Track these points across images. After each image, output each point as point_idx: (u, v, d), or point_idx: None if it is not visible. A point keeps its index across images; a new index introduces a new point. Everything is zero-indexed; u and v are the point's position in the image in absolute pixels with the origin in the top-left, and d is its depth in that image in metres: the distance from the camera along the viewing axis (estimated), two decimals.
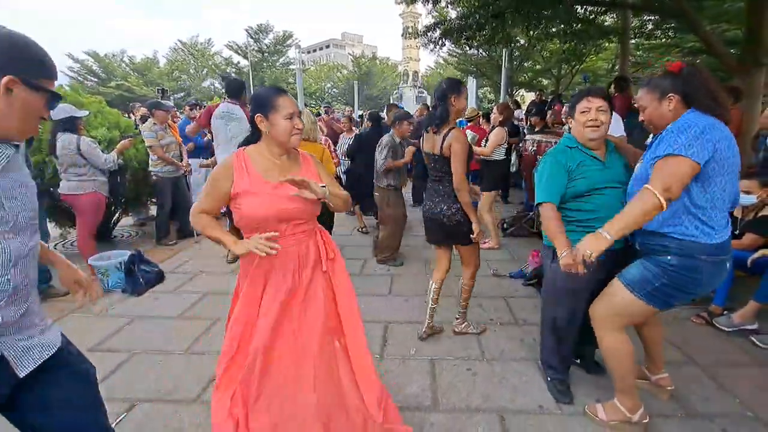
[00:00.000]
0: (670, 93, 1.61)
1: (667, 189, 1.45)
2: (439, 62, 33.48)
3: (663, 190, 1.45)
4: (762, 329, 2.62)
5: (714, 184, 1.52)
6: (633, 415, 1.82)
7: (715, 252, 1.59)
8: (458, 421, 1.95)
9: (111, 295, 3.38)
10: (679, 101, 1.61)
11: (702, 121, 1.51)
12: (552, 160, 1.91)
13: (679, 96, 1.60)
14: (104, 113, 4.46)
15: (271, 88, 1.58)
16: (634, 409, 1.83)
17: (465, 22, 7.97)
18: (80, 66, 31.72)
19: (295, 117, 1.52)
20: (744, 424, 1.90)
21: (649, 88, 1.68)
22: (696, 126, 1.49)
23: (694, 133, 1.47)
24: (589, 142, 1.87)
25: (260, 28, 35.12)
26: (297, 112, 1.55)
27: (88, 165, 3.41)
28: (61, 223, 4.54)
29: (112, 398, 2.10)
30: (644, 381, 2.09)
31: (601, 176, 1.87)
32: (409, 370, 2.34)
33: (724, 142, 1.49)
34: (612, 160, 1.92)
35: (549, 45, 14.89)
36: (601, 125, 1.83)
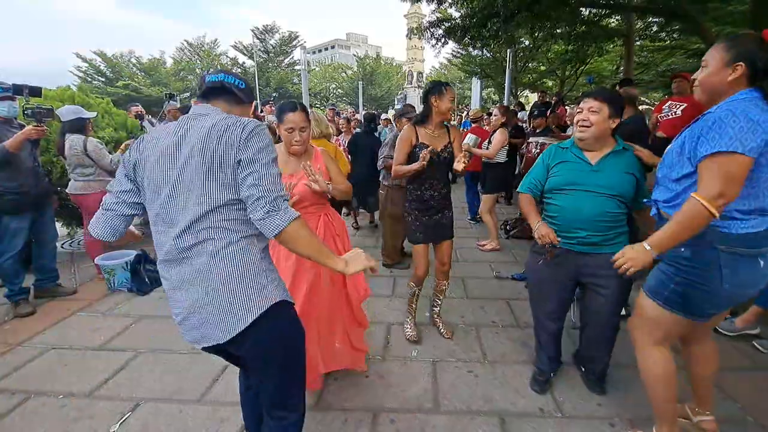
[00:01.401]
0: (740, 61, 1.34)
1: (720, 195, 1.27)
2: (444, 63, 33.47)
3: (715, 197, 1.27)
4: (764, 334, 2.62)
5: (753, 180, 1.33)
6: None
7: (738, 242, 1.37)
8: (459, 423, 1.96)
9: (117, 295, 3.42)
10: (745, 75, 1.34)
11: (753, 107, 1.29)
12: (540, 156, 2.07)
13: (749, 70, 1.33)
14: (111, 114, 4.51)
15: (288, 103, 1.92)
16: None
17: (469, 22, 7.98)
18: (88, 66, 32.00)
19: (295, 131, 1.89)
20: (744, 428, 1.90)
21: (726, 45, 1.38)
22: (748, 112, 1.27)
23: (746, 122, 1.25)
24: (579, 141, 1.92)
25: (266, 29, 35.33)
26: (300, 127, 1.89)
27: (94, 165, 3.45)
28: (68, 222, 4.59)
29: (117, 397, 2.14)
30: (685, 420, 1.86)
31: (579, 178, 1.89)
32: (411, 372, 2.36)
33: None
34: (607, 166, 1.87)
35: (553, 46, 14.86)
36: (590, 126, 1.83)
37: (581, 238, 1.90)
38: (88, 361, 2.47)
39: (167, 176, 1.17)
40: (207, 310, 1.17)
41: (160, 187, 1.18)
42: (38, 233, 3.22)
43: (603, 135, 1.86)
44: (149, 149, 1.21)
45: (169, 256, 1.20)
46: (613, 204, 1.84)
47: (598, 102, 1.82)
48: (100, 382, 2.27)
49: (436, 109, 2.38)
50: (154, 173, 1.19)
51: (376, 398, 2.14)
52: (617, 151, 1.89)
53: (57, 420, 1.99)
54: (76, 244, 4.79)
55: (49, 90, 4.17)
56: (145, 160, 1.21)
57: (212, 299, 1.16)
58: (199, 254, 1.16)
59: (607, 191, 1.83)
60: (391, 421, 1.97)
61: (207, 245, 1.16)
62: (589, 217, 1.85)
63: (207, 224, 1.16)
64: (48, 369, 2.40)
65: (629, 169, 1.86)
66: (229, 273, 1.17)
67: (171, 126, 1.23)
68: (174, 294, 1.23)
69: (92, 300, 3.32)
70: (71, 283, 3.60)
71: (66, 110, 3.44)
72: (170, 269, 1.21)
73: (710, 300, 1.46)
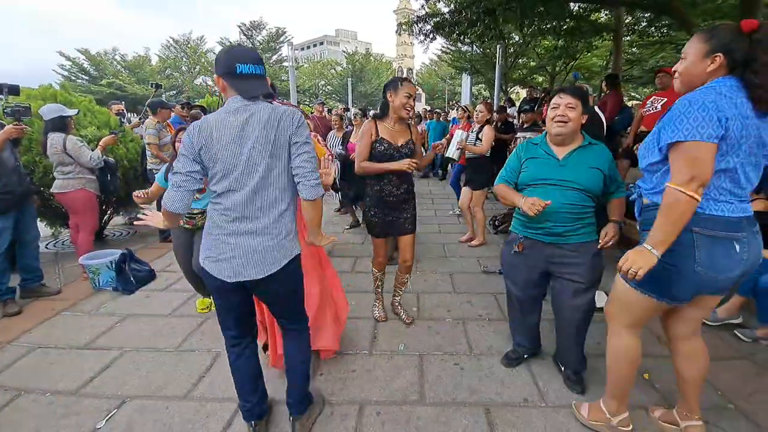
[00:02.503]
0: (718, 52, 1.34)
1: (692, 179, 1.28)
2: (433, 59, 33.46)
3: (687, 182, 1.29)
4: (746, 323, 2.68)
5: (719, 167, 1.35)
6: (613, 418, 1.77)
7: (714, 225, 1.38)
8: (444, 414, 1.98)
9: (102, 294, 3.39)
10: (724, 66, 1.35)
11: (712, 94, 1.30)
12: (515, 149, 2.15)
13: (727, 61, 1.33)
14: (94, 112, 4.44)
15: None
16: (616, 413, 1.78)
17: (457, 18, 7.99)
18: (71, 64, 31.42)
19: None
20: (724, 415, 1.95)
21: (704, 37, 1.39)
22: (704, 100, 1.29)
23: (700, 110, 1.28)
24: (554, 137, 1.96)
25: (253, 25, 34.94)
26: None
27: (74, 163, 3.41)
28: (52, 222, 4.52)
29: (103, 395, 2.13)
30: (673, 427, 1.81)
31: (547, 172, 1.94)
32: (397, 365, 2.37)
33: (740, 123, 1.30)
34: (573, 161, 1.92)
35: (543, 42, 14.94)
36: (568, 122, 1.87)
37: (547, 229, 1.96)
38: (74, 360, 2.45)
39: (239, 156, 1.48)
40: (269, 252, 1.56)
41: (233, 165, 1.49)
42: (20, 233, 3.17)
43: (576, 130, 1.92)
44: (216, 135, 1.48)
45: (237, 216, 1.53)
46: (578, 197, 1.89)
47: (575, 99, 1.87)
48: (86, 380, 2.25)
49: (392, 104, 2.37)
50: (226, 154, 1.48)
51: (363, 391, 2.15)
52: (584, 146, 1.94)
53: (45, 417, 1.98)
54: (60, 244, 4.72)
55: (31, 89, 4.09)
56: (213, 144, 1.48)
57: (276, 244, 1.57)
58: (267, 214, 1.55)
59: (573, 185, 1.88)
60: (377, 414, 1.99)
61: (274, 209, 1.56)
62: (554, 209, 1.89)
63: (272, 191, 1.54)
64: (35, 367, 2.38)
65: (595, 164, 1.90)
66: (289, 229, 1.61)
67: (230, 116, 1.49)
68: (228, 239, 1.55)
69: (77, 300, 3.28)
70: (56, 283, 3.56)
71: (48, 109, 3.40)
72: (235, 225, 1.54)
73: (680, 282, 1.46)
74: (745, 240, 1.40)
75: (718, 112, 1.28)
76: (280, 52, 35.67)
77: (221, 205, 1.55)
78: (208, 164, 1.51)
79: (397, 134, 2.44)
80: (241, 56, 1.50)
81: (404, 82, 2.36)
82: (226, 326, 1.76)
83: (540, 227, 1.98)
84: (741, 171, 1.36)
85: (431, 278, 3.67)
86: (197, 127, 1.50)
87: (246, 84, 1.51)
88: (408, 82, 2.38)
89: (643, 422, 1.90)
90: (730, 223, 1.38)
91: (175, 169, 1.53)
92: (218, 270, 1.57)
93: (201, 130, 1.49)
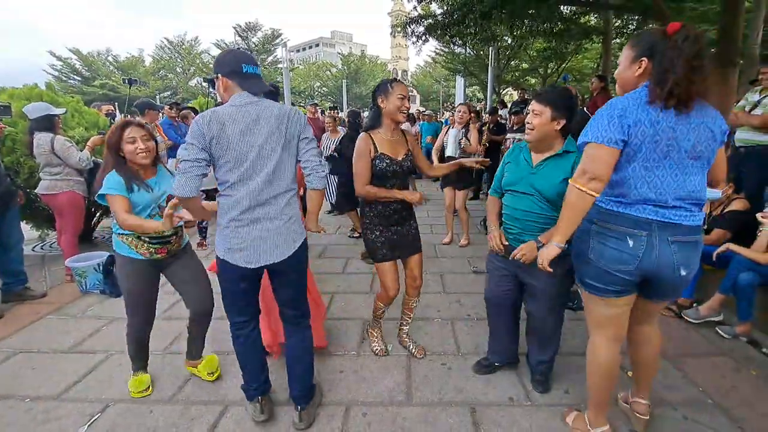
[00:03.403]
0: (643, 57, 1.41)
1: (583, 172, 1.39)
2: (428, 61, 33.56)
3: (580, 175, 1.40)
4: (727, 320, 2.72)
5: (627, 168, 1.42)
6: (592, 430, 1.77)
7: (608, 218, 1.47)
8: (430, 413, 1.98)
9: (89, 297, 3.35)
10: (648, 69, 1.40)
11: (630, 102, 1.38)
12: (505, 155, 2.12)
13: (650, 63, 1.39)
14: (82, 113, 4.40)
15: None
16: (595, 424, 1.77)
17: (449, 19, 8.03)
18: (63, 64, 31.12)
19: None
20: (704, 410, 1.97)
21: (632, 42, 1.47)
22: (615, 106, 1.38)
23: (608, 116, 1.38)
24: (528, 143, 1.94)
25: (248, 27, 34.88)
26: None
27: (63, 164, 3.36)
28: (38, 224, 4.47)
29: (86, 399, 2.10)
30: (625, 405, 1.93)
31: (519, 179, 1.92)
32: (385, 366, 2.37)
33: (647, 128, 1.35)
34: (545, 169, 1.85)
35: (535, 44, 15.05)
36: (533, 129, 1.81)
37: (516, 235, 1.96)
38: (57, 364, 2.42)
39: (252, 145, 1.60)
40: (284, 235, 1.72)
41: (246, 154, 1.60)
42: (2, 236, 3.12)
43: (546, 137, 1.82)
44: (230, 126, 1.57)
45: (251, 204, 1.63)
46: (544, 206, 1.84)
47: (540, 105, 1.79)
48: (69, 384, 2.22)
49: (385, 110, 2.13)
50: (241, 143, 1.59)
51: (350, 392, 2.15)
52: (559, 154, 1.83)
53: (23, 423, 1.94)
54: (48, 246, 4.67)
55: (15, 89, 4.05)
56: (227, 134, 1.56)
57: (286, 229, 1.72)
58: (279, 200, 1.69)
59: (540, 194, 1.83)
60: (363, 414, 1.99)
61: (284, 196, 1.71)
62: (521, 216, 1.91)
63: (283, 179, 1.69)
64: (14, 373, 2.34)
65: (565, 174, 1.78)
66: (296, 213, 1.77)
67: (242, 108, 1.60)
68: (248, 227, 1.66)
69: (63, 303, 3.25)
70: (41, 286, 3.52)
71: (33, 107, 3.34)
72: (250, 213, 1.65)
73: (588, 272, 1.56)
74: (642, 238, 1.43)
75: (622, 118, 1.36)
76: (275, 54, 35.64)
77: (233, 197, 1.64)
78: (219, 153, 1.59)
79: (397, 145, 2.21)
80: (245, 58, 1.69)
81: (394, 83, 2.14)
82: (236, 313, 1.85)
83: (511, 233, 1.99)
84: (650, 176, 1.40)
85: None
86: (208, 118, 1.57)
87: (251, 82, 1.68)
88: (399, 82, 2.16)
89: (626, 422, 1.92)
90: (622, 219, 1.46)
91: (183, 157, 1.61)
92: (243, 258, 1.68)
93: (212, 121, 1.56)
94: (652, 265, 1.44)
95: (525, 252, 1.81)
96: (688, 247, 1.45)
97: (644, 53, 1.40)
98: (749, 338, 2.53)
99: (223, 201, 1.68)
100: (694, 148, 1.38)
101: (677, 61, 1.29)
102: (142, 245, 1.97)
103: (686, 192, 1.41)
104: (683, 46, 1.29)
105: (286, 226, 1.73)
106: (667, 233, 1.43)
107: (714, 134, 1.39)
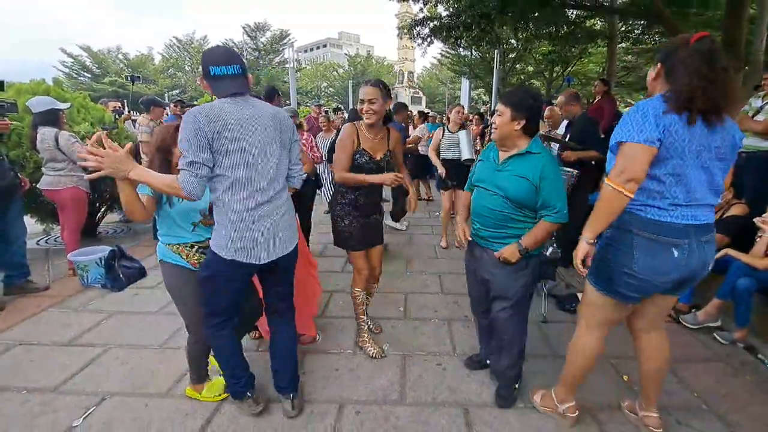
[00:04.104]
0: (660, 62, 1.49)
1: (621, 171, 1.40)
2: (434, 63, 33.56)
3: (617, 174, 1.41)
4: (725, 326, 2.70)
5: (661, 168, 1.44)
6: (560, 405, 1.91)
7: (654, 229, 1.47)
8: (423, 413, 1.99)
9: (91, 291, 3.39)
10: (661, 74, 1.48)
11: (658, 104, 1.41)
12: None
13: (663, 69, 1.47)
14: (88, 109, 4.45)
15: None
16: (564, 401, 1.90)
17: (453, 22, 8.04)
18: (73, 61, 31.47)
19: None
20: (697, 415, 1.97)
21: (660, 48, 1.59)
22: (647, 107, 1.42)
23: (641, 116, 1.40)
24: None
25: (257, 27, 35.08)
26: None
27: (67, 160, 3.38)
28: (43, 218, 4.52)
29: (83, 392, 2.13)
30: (632, 415, 1.94)
31: (484, 176, 1.95)
32: (380, 365, 2.38)
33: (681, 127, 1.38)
34: (507, 167, 1.85)
35: (540, 47, 15.02)
36: (496, 129, 1.84)
37: (476, 230, 2.00)
38: (56, 357, 2.45)
39: (253, 143, 1.60)
40: (286, 230, 1.78)
41: (248, 147, 1.59)
42: (4, 228, 3.16)
43: (507, 137, 1.83)
44: (229, 119, 1.54)
45: (260, 200, 1.65)
46: (501, 204, 1.84)
47: (501, 105, 1.84)
48: (67, 377, 2.25)
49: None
50: (242, 136, 1.57)
51: (344, 390, 2.16)
52: (521, 154, 1.83)
53: (19, 415, 1.96)
54: (52, 240, 4.73)
55: (22, 84, 4.10)
56: (228, 127, 1.54)
57: (289, 223, 1.81)
58: (280, 197, 1.74)
59: (499, 192, 1.84)
60: (356, 413, 1.99)
61: (284, 192, 1.78)
62: (480, 212, 1.93)
63: (281, 177, 1.75)
64: (13, 365, 2.37)
65: (524, 173, 1.78)
66: (290, 206, 1.83)
67: (235, 105, 1.58)
68: (257, 224, 1.66)
69: (65, 296, 3.29)
70: (44, 280, 3.56)
71: (37, 101, 3.35)
72: (261, 209, 1.66)
73: (624, 280, 1.55)
74: (686, 246, 1.46)
75: (657, 117, 1.38)
76: (283, 54, 35.82)
77: (239, 195, 1.62)
78: (220, 148, 1.54)
79: (377, 145, 2.31)
80: (215, 58, 1.59)
81: (362, 86, 2.25)
82: (220, 313, 1.81)
83: (474, 228, 2.03)
84: (684, 177, 1.43)
85: (420, 279, 3.69)
86: (205, 115, 1.50)
87: (225, 84, 1.60)
88: (364, 85, 2.25)
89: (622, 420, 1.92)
90: (670, 229, 1.46)
91: (193, 158, 1.48)
92: (254, 254, 1.68)
93: (210, 115, 1.51)
94: (692, 267, 1.50)
95: (506, 255, 1.83)
96: (712, 244, 1.54)
97: (660, 59, 1.49)
98: (746, 344, 2.51)
99: (225, 200, 1.62)
100: (719, 150, 1.42)
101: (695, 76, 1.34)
102: (193, 254, 1.87)
103: (712, 191, 1.47)
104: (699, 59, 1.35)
105: (289, 221, 1.80)
106: (700, 236, 1.48)
107: (735, 139, 1.46)
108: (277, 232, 1.73)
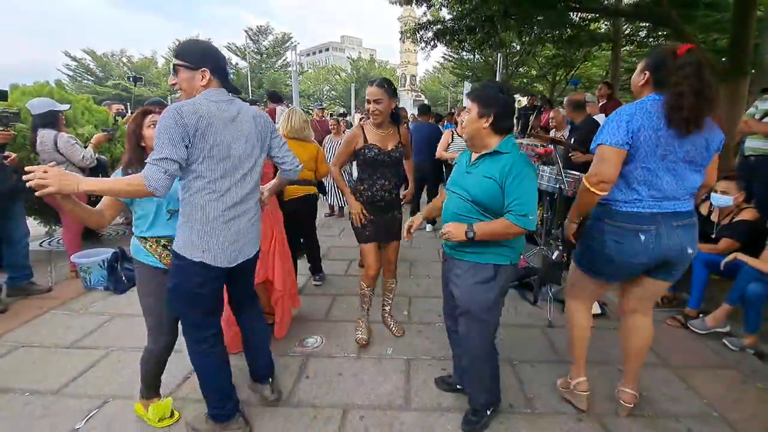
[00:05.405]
0: (647, 70, 1.61)
1: (594, 174, 1.61)
2: (437, 66, 33.63)
3: (590, 175, 1.62)
4: (734, 332, 2.66)
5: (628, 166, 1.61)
6: (572, 381, 2.03)
7: (620, 219, 1.66)
8: (429, 419, 1.96)
9: (93, 293, 3.38)
10: (650, 81, 1.60)
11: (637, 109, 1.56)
12: None
13: (652, 77, 1.59)
14: (91, 111, 4.45)
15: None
16: (575, 376, 2.02)
17: (457, 25, 8.04)
18: (77, 64, 31.69)
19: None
20: (708, 423, 1.93)
21: (645, 57, 1.67)
22: (623, 113, 1.58)
23: (617, 121, 1.57)
24: None
25: (260, 30, 35.26)
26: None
27: (66, 162, 3.34)
28: (46, 220, 4.52)
29: (85, 395, 2.11)
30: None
31: (455, 178, 1.82)
32: (384, 370, 2.35)
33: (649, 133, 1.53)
34: (476, 169, 1.71)
35: (544, 51, 15.02)
36: (465, 126, 1.75)
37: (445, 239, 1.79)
38: (58, 359, 2.43)
39: (235, 143, 1.59)
40: (255, 230, 1.79)
41: (230, 148, 1.57)
42: (7, 231, 3.15)
43: (475, 135, 1.70)
44: (215, 118, 1.53)
45: (235, 201, 1.63)
46: (467, 208, 1.70)
47: (469, 101, 1.72)
48: (69, 379, 2.23)
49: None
50: (225, 136, 1.56)
51: (348, 395, 2.13)
52: (490, 153, 1.68)
53: (20, 418, 1.95)
54: (55, 242, 4.72)
55: (25, 86, 4.11)
56: (213, 126, 1.52)
57: (256, 225, 1.80)
58: (252, 197, 1.74)
59: (465, 194, 1.71)
60: (361, 418, 1.97)
61: (256, 193, 1.77)
62: (448, 218, 1.78)
63: (256, 178, 1.74)
64: (15, 367, 2.36)
65: (491, 173, 1.63)
66: (259, 208, 1.83)
67: (220, 104, 1.58)
68: (230, 224, 1.63)
69: (67, 298, 3.27)
70: (47, 282, 3.55)
71: (37, 103, 3.32)
72: (235, 209, 1.64)
73: (600, 262, 1.77)
74: (652, 232, 1.63)
75: (629, 123, 1.54)
76: (285, 57, 35.94)
77: (216, 192, 1.57)
78: (201, 146, 1.49)
79: (387, 138, 2.43)
80: (221, 55, 1.69)
81: (368, 86, 2.35)
82: (209, 325, 1.72)
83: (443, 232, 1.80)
84: (651, 177, 1.59)
85: (424, 282, 3.66)
86: (190, 110, 1.46)
87: (228, 81, 1.70)
88: (370, 85, 2.34)
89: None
90: (635, 218, 1.64)
91: (167, 155, 1.41)
92: (225, 256, 1.64)
93: (197, 113, 1.47)
94: (664, 251, 1.65)
95: (450, 229, 1.67)
96: (689, 228, 1.67)
97: (647, 67, 1.61)
98: (756, 350, 2.47)
99: (199, 198, 1.55)
100: (687, 154, 1.57)
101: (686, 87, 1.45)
102: (166, 255, 1.78)
103: (683, 189, 1.63)
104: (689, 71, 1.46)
105: (257, 222, 1.80)
106: (671, 221, 1.63)
107: (708, 143, 1.58)
108: (250, 231, 1.74)
